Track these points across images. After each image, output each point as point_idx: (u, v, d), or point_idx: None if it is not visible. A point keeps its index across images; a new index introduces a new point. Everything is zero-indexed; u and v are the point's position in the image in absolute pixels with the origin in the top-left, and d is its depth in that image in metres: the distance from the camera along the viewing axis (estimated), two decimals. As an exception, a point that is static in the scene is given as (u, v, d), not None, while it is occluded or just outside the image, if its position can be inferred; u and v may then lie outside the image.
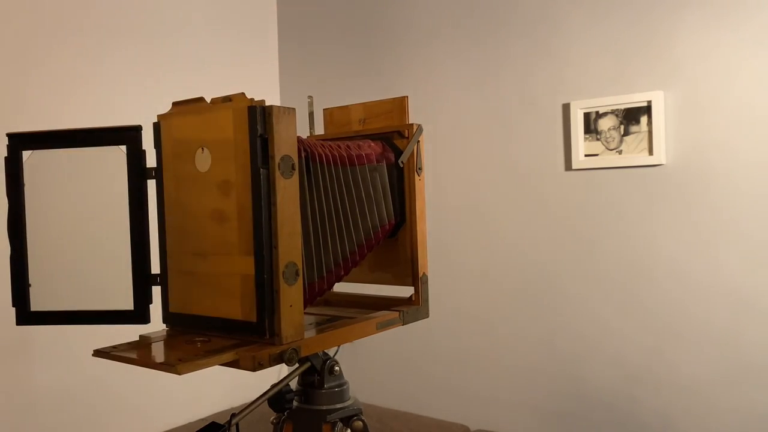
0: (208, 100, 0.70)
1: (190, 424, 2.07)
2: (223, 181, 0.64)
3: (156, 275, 0.71)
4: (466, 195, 2.06)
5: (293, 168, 0.63)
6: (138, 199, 0.71)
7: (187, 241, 0.69)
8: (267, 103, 0.64)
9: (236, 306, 0.64)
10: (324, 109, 0.91)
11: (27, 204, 0.71)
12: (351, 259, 0.77)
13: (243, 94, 0.66)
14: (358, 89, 2.30)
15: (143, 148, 0.74)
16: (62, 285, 0.71)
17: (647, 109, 1.70)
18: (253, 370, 0.60)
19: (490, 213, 2.02)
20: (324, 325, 0.74)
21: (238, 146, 0.63)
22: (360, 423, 0.77)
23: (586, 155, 1.81)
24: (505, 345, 2.00)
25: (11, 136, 0.75)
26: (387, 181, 0.82)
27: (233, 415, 0.66)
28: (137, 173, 0.73)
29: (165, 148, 0.72)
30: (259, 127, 0.61)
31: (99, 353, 0.64)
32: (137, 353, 0.64)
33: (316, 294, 0.72)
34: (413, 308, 0.82)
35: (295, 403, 0.76)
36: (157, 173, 0.73)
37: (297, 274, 0.64)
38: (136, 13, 2.05)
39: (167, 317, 0.71)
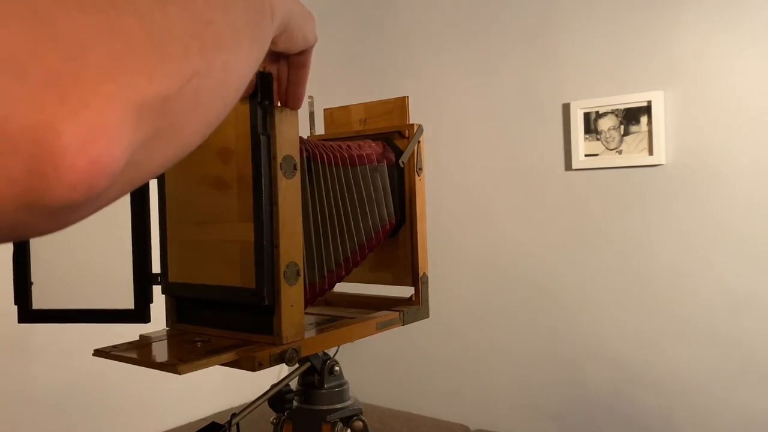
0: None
1: (190, 424, 2.07)
2: (222, 148, 0.64)
3: (156, 275, 0.71)
4: (467, 195, 2.07)
5: (295, 168, 0.64)
6: (139, 198, 0.71)
7: (186, 210, 0.68)
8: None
9: (236, 273, 0.64)
10: (324, 109, 0.91)
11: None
12: (352, 259, 0.77)
13: None
14: (358, 89, 2.30)
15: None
16: (63, 283, 0.70)
17: (647, 109, 1.70)
18: (254, 370, 0.60)
19: (490, 213, 2.02)
20: (324, 325, 0.74)
21: (237, 113, 0.63)
22: (360, 423, 0.77)
23: (586, 155, 1.82)
24: (505, 345, 2.00)
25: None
26: (387, 181, 0.82)
27: (233, 415, 0.66)
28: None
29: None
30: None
31: (99, 353, 0.64)
32: (137, 353, 0.64)
33: (316, 294, 0.72)
34: (413, 308, 0.82)
35: (295, 403, 0.76)
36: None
37: (298, 274, 0.64)
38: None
39: (166, 287, 0.71)
